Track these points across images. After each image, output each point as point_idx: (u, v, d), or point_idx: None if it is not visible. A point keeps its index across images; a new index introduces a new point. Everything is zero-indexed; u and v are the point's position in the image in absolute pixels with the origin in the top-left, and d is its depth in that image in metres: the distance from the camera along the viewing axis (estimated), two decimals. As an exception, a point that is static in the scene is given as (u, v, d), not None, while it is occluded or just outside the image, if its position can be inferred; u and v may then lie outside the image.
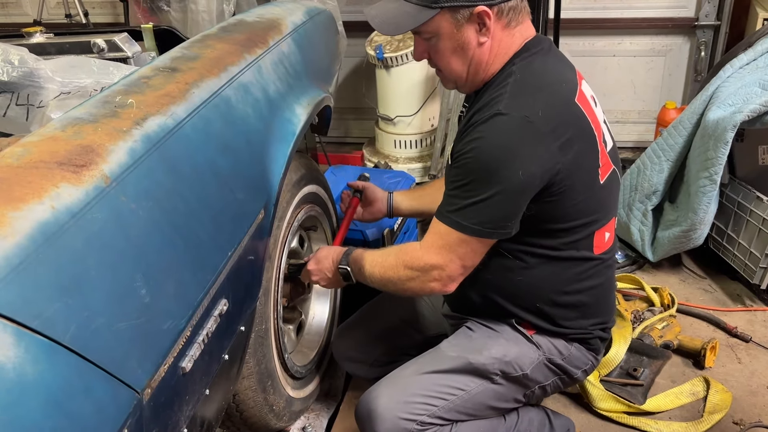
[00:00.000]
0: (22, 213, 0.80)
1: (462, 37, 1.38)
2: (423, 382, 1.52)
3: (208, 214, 1.16)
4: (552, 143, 1.33)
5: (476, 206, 1.36)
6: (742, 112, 2.22)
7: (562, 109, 1.37)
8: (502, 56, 1.42)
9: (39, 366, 0.74)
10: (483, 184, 1.34)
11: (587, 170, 1.42)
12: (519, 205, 1.37)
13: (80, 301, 0.83)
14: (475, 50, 1.39)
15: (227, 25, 1.65)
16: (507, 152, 1.32)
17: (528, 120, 1.31)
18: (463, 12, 1.35)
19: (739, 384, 2.06)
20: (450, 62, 1.43)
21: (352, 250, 1.62)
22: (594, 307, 1.58)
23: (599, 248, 1.52)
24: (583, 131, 1.40)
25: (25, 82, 1.55)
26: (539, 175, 1.34)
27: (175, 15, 3.17)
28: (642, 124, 3.72)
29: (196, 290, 1.08)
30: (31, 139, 0.97)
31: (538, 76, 1.39)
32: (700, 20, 3.42)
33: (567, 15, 3.22)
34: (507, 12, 1.37)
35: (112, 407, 0.84)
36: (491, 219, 1.37)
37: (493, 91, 1.39)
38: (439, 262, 1.43)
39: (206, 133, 1.21)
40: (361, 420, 1.51)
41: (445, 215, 1.41)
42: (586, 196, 1.43)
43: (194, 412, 1.12)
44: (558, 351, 1.57)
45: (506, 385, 1.55)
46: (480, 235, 1.39)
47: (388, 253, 1.55)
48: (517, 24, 1.40)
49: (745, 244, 2.41)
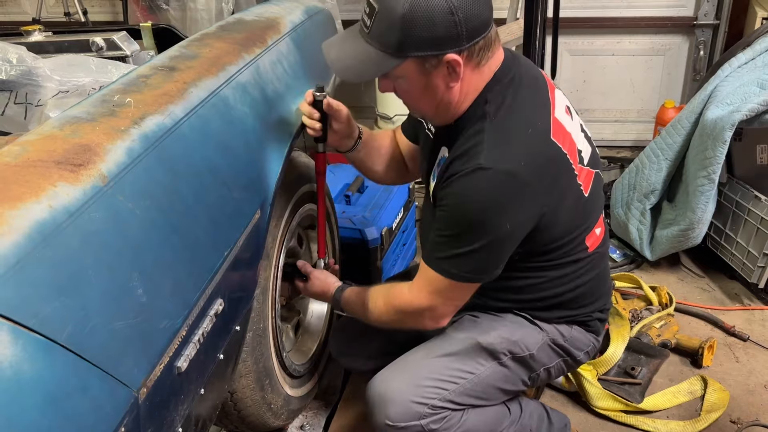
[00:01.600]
0: (19, 212, 0.80)
1: (430, 82, 1.32)
2: (434, 365, 1.52)
3: (205, 214, 1.16)
4: (536, 191, 1.34)
5: (465, 256, 1.37)
6: (740, 111, 2.22)
7: (542, 153, 1.35)
8: (472, 93, 1.37)
9: (36, 365, 0.74)
10: (470, 236, 1.34)
11: (571, 196, 1.43)
12: (507, 251, 1.39)
13: (77, 300, 0.83)
14: (443, 94, 1.34)
15: (226, 24, 1.65)
16: (493, 207, 1.31)
17: (511, 174, 1.29)
18: (432, 60, 1.27)
19: (737, 383, 2.07)
20: (417, 103, 1.40)
21: (341, 292, 1.66)
22: (593, 296, 1.60)
23: (593, 246, 1.54)
24: (562, 168, 1.39)
25: (24, 81, 1.55)
26: (525, 223, 1.36)
27: (174, 13, 3.18)
28: (641, 123, 3.73)
29: (192, 290, 1.08)
30: (28, 138, 0.97)
31: (512, 119, 1.35)
32: (699, 19, 3.42)
33: (566, 14, 3.22)
34: (477, 52, 1.31)
35: (108, 406, 0.84)
36: (481, 267, 1.40)
37: (469, 135, 1.36)
38: (429, 305, 1.46)
39: (204, 132, 1.21)
40: (372, 404, 1.51)
41: (434, 262, 1.42)
42: (573, 216, 1.45)
43: (189, 411, 1.12)
44: (560, 333, 1.59)
45: (513, 367, 1.56)
46: (470, 281, 1.42)
47: (377, 296, 1.57)
48: (488, 60, 1.35)
49: (743, 243, 2.41)
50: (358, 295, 1.62)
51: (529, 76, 1.44)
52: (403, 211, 2.49)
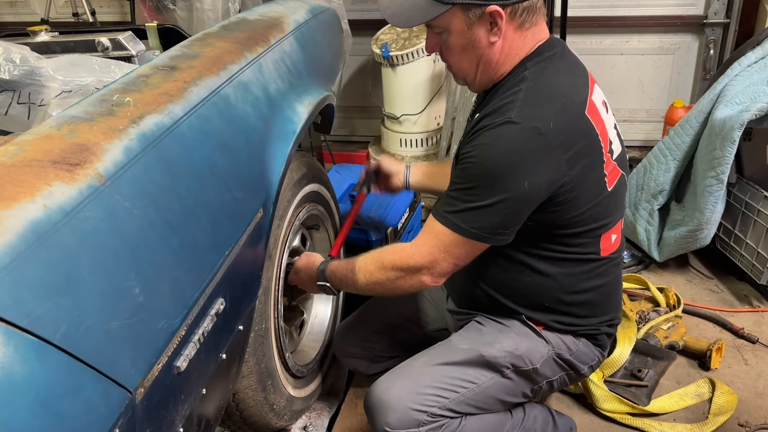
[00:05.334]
0: (13, 212, 0.80)
1: (472, 35, 1.36)
2: (434, 373, 1.51)
3: (205, 213, 1.15)
4: (560, 156, 1.33)
5: (477, 211, 1.35)
6: (749, 110, 2.19)
7: (573, 122, 1.36)
8: (513, 57, 1.40)
9: (28, 365, 0.74)
10: (486, 190, 1.33)
11: (594, 181, 1.41)
12: (520, 214, 1.37)
13: (72, 300, 0.82)
14: (485, 49, 1.38)
15: (228, 24, 1.65)
16: (515, 162, 1.31)
17: (539, 131, 1.29)
18: (475, 10, 1.33)
19: (745, 386, 2.04)
20: (459, 59, 1.43)
21: (326, 263, 1.63)
22: (602, 305, 1.59)
23: (606, 250, 1.52)
24: (591, 145, 1.39)
25: (27, 81, 1.55)
26: (545, 187, 1.34)
27: (181, 14, 3.19)
28: (649, 123, 3.70)
29: (191, 289, 1.08)
30: (25, 138, 0.97)
31: (550, 85, 1.37)
32: (709, 18, 3.39)
33: (574, 13, 3.20)
34: (521, 13, 1.35)
35: (102, 407, 0.84)
36: (491, 225, 1.37)
37: (504, 96, 1.38)
38: (430, 260, 1.43)
39: (204, 131, 1.20)
40: (371, 410, 1.50)
41: (442, 215, 1.40)
42: (593, 205, 1.43)
43: (191, 412, 1.12)
44: (566, 346, 1.57)
45: (516, 380, 1.55)
46: (477, 239, 1.39)
47: (368, 257, 1.55)
48: (531, 26, 1.38)
49: (753, 245, 2.38)
50: (346, 263, 1.59)
51: (572, 60, 1.47)
52: (408, 212, 2.48)
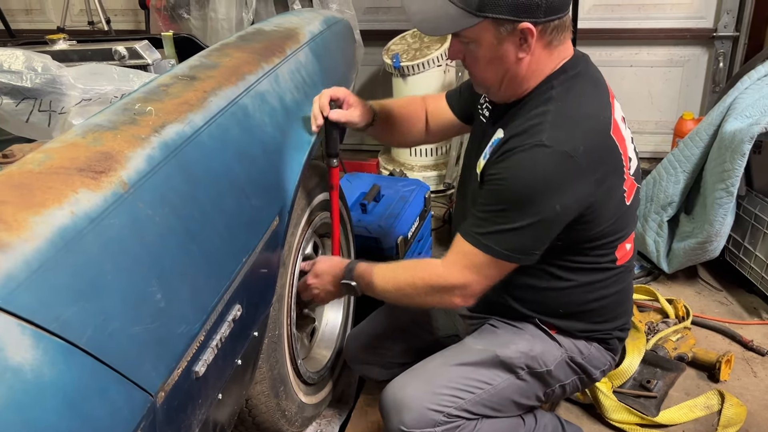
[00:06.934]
0: (42, 218, 0.82)
1: (501, 49, 1.34)
2: (450, 374, 1.52)
3: (223, 221, 1.17)
4: (590, 178, 1.35)
5: (508, 233, 1.37)
6: (759, 123, 2.20)
7: (600, 144, 1.38)
8: (538, 74, 1.40)
9: (56, 368, 0.76)
10: (518, 213, 1.35)
11: (617, 198, 1.44)
12: (550, 235, 1.39)
13: (97, 304, 0.84)
14: (511, 65, 1.37)
15: (245, 34, 1.68)
16: (547, 185, 1.33)
17: (570, 156, 1.31)
18: (507, 26, 1.30)
19: (755, 398, 2.04)
20: (484, 70, 1.41)
21: (354, 264, 1.62)
22: (615, 311, 1.60)
23: (622, 259, 1.54)
24: (616, 165, 1.41)
25: (48, 89, 1.58)
26: (575, 207, 1.36)
27: (195, 23, 3.22)
28: (659, 135, 3.71)
29: (210, 295, 1.10)
30: (52, 146, 0.99)
31: (578, 107, 1.38)
32: (719, 31, 3.40)
33: (584, 25, 3.22)
34: (551, 31, 1.34)
35: (126, 409, 0.86)
36: (522, 247, 1.39)
37: (531, 115, 1.38)
38: (463, 282, 1.44)
39: (223, 140, 1.22)
40: (386, 409, 1.51)
41: (473, 236, 1.41)
42: (614, 220, 1.45)
43: (207, 416, 1.14)
44: (579, 350, 1.59)
45: (530, 381, 1.56)
46: (508, 260, 1.40)
47: (399, 267, 1.56)
48: (559, 44, 1.38)
49: (762, 257, 2.39)
50: (378, 267, 1.58)
51: (595, 77, 1.48)
52: (418, 221, 2.49)
